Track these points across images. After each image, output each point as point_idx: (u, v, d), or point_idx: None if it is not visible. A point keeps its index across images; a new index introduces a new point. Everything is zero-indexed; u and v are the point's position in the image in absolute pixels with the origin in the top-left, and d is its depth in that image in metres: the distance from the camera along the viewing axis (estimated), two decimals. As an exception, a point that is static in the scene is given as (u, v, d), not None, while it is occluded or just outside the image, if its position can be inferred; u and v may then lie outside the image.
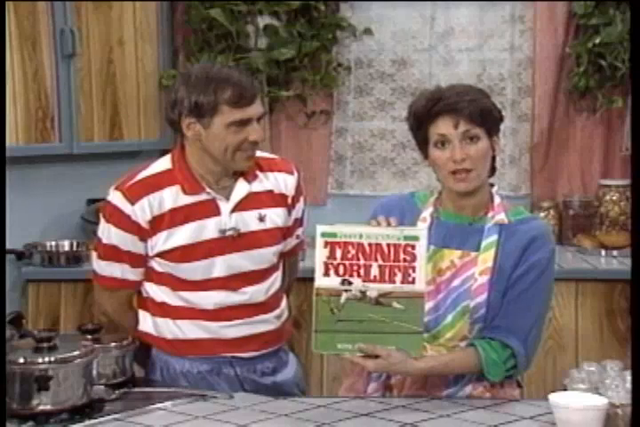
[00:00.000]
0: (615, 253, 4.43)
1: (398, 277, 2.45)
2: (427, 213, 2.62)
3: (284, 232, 2.86)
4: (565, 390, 2.53)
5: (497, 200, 2.61)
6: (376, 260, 2.45)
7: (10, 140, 3.93)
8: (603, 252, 4.46)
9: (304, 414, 2.44)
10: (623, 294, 4.15)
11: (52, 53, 4.16)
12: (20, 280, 4.22)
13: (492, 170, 2.63)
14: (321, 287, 2.44)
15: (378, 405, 2.50)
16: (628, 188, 4.53)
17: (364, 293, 2.44)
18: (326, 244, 2.46)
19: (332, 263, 2.45)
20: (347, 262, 2.45)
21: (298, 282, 3.14)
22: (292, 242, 2.93)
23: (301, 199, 2.91)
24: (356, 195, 4.86)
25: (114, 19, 4.34)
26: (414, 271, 2.45)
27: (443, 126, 2.52)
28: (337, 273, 2.45)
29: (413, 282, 2.45)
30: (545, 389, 2.94)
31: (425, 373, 2.51)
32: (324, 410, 2.48)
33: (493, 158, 2.61)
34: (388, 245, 2.46)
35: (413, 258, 2.45)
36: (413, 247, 2.45)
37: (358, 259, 2.45)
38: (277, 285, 2.87)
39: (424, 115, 2.55)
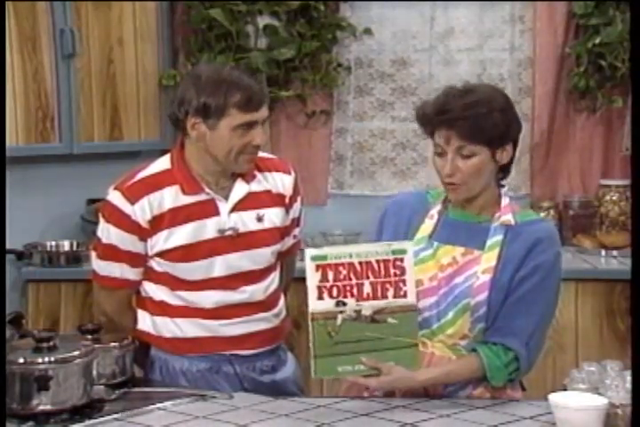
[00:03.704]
0: (615, 253, 4.44)
1: (390, 293, 2.48)
2: (435, 211, 2.63)
3: (282, 232, 2.86)
4: (565, 390, 2.53)
5: (505, 201, 2.61)
6: (367, 277, 2.48)
7: (10, 141, 3.93)
8: (603, 252, 4.46)
9: (304, 414, 2.45)
10: (623, 294, 4.15)
11: (52, 53, 4.16)
12: (20, 280, 4.22)
13: (505, 174, 2.65)
14: (316, 312, 2.44)
15: (378, 405, 2.50)
16: (627, 188, 4.53)
17: (358, 312, 2.46)
18: (317, 267, 2.47)
19: (324, 286, 2.46)
20: (339, 284, 2.47)
21: (297, 283, 3.14)
22: (289, 241, 2.93)
23: (299, 199, 2.92)
24: (356, 195, 4.86)
25: (114, 19, 4.34)
26: (405, 285, 2.48)
27: (439, 138, 2.52)
28: (330, 295, 2.46)
29: (405, 295, 2.48)
30: (545, 389, 2.93)
31: (428, 384, 2.52)
32: (324, 410, 2.48)
33: (507, 164, 2.61)
34: (378, 261, 2.49)
35: (403, 271, 2.49)
36: (402, 261, 2.49)
37: (350, 279, 2.47)
38: (276, 284, 2.87)
39: (425, 123, 2.56)
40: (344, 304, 2.45)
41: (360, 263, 2.48)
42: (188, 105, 2.67)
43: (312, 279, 2.46)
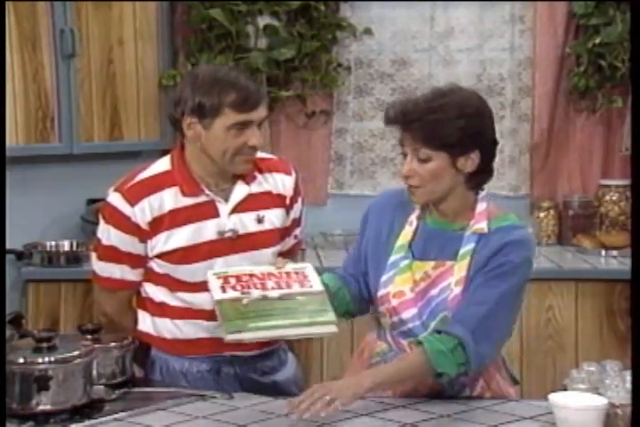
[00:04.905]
0: (615, 253, 4.43)
1: (296, 285, 2.49)
2: (414, 216, 2.59)
3: (283, 233, 2.86)
4: (565, 390, 2.53)
5: (480, 207, 2.53)
6: (270, 279, 2.50)
7: (10, 141, 3.93)
8: (603, 252, 4.46)
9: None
10: (623, 294, 4.15)
11: (52, 53, 4.16)
12: (20, 280, 4.22)
13: (479, 182, 2.53)
14: (221, 298, 2.45)
15: (378, 405, 2.50)
16: (627, 188, 4.53)
17: (265, 296, 2.46)
18: (219, 278, 2.51)
19: (227, 284, 2.49)
20: (243, 283, 2.49)
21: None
22: (290, 242, 2.93)
23: (299, 199, 2.91)
24: (356, 195, 4.86)
25: (114, 19, 4.34)
26: (310, 281, 2.51)
27: (401, 140, 2.51)
28: (234, 289, 2.47)
29: (311, 287, 2.49)
30: (545, 389, 2.93)
31: (377, 387, 2.41)
32: (324, 410, 2.48)
33: (483, 171, 2.51)
34: (280, 272, 2.53)
35: (305, 276, 2.52)
36: (304, 272, 2.54)
37: (252, 279, 2.50)
38: (276, 285, 2.87)
39: (387, 123, 2.52)
40: (249, 293, 2.46)
41: (261, 273, 2.52)
42: (184, 104, 2.67)
43: (214, 284, 2.49)
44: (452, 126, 2.43)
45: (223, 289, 2.47)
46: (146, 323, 2.81)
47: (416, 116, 2.44)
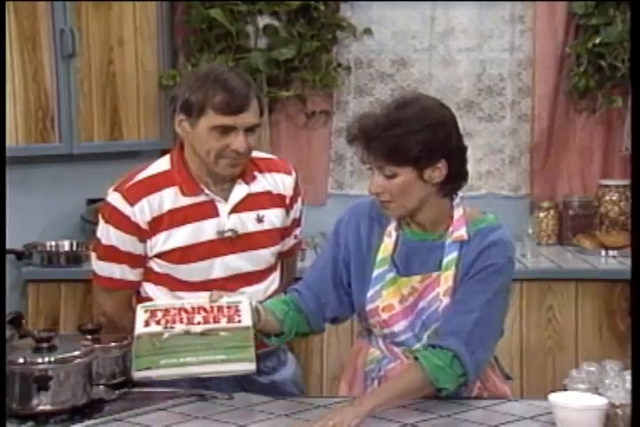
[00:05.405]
0: (615, 253, 4.43)
1: (224, 320, 2.43)
2: (392, 227, 2.55)
3: (283, 233, 2.86)
4: (565, 390, 2.53)
5: (457, 214, 2.50)
6: (199, 313, 2.45)
7: (10, 141, 3.94)
8: (603, 252, 4.46)
9: (304, 415, 2.44)
10: (623, 294, 4.15)
11: (52, 53, 4.16)
12: (20, 280, 4.22)
13: (452, 189, 2.49)
14: (142, 333, 2.42)
15: (378, 405, 2.50)
16: (627, 188, 4.53)
17: (187, 331, 2.41)
18: (146, 311, 2.47)
19: (153, 318, 2.44)
20: (168, 317, 2.44)
21: (296, 282, 3.14)
22: (290, 242, 2.93)
23: (299, 199, 2.91)
24: (355, 195, 4.84)
25: (114, 19, 4.34)
26: (240, 316, 2.44)
27: (362, 157, 2.46)
28: (158, 323, 2.43)
29: (239, 322, 2.43)
30: (545, 389, 2.93)
31: (377, 408, 2.38)
32: (324, 410, 2.47)
33: (455, 177, 2.46)
34: (212, 306, 2.47)
35: (237, 310, 2.45)
36: (237, 306, 2.46)
37: (180, 315, 2.45)
38: (276, 285, 2.87)
39: (350, 141, 2.49)
40: (172, 328, 2.42)
41: (192, 307, 2.47)
42: (176, 101, 2.68)
43: (140, 317, 2.46)
44: (412, 140, 2.38)
45: (146, 323, 2.44)
46: (145, 323, 2.81)
47: (375, 133, 2.40)
